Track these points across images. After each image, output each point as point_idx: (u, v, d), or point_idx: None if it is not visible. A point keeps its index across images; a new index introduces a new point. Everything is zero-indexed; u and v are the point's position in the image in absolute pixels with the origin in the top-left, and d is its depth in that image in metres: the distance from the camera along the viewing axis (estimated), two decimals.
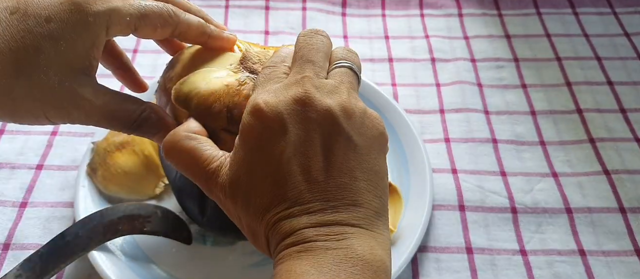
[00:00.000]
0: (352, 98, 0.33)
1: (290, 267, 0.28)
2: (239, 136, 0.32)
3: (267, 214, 0.31)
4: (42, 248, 0.46)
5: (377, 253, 0.29)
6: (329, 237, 0.29)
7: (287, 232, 0.30)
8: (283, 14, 0.77)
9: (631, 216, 0.55)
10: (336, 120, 0.31)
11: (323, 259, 0.28)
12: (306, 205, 0.30)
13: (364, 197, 0.31)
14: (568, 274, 0.51)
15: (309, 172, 0.30)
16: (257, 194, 0.31)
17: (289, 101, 0.31)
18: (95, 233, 0.47)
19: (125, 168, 0.54)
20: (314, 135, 0.31)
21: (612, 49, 0.74)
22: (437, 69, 0.70)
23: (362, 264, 0.28)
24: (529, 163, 0.60)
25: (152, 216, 0.49)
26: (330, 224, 0.29)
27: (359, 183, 0.31)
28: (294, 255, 0.29)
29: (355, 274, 0.28)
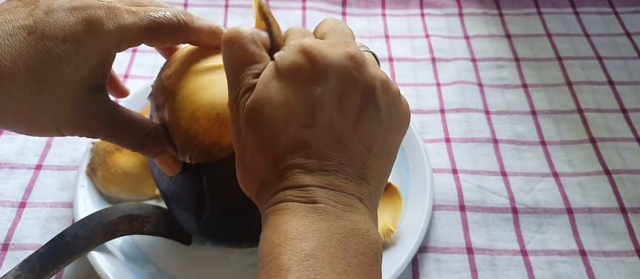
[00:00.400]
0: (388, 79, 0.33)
1: (294, 222, 0.28)
2: (277, 70, 0.31)
3: (283, 156, 0.30)
4: (41, 249, 0.45)
5: (377, 235, 0.29)
6: (338, 205, 0.29)
7: (298, 183, 0.29)
8: (283, 14, 0.77)
9: (632, 216, 0.55)
10: (375, 90, 0.31)
11: (332, 226, 0.28)
12: (324, 161, 0.29)
13: (372, 173, 0.31)
14: (569, 274, 0.51)
15: (335, 128, 0.30)
16: (280, 128, 0.30)
17: (341, 54, 0.31)
18: (94, 233, 0.47)
19: (125, 168, 0.53)
20: (353, 94, 0.31)
21: (613, 48, 0.73)
22: (438, 68, 0.70)
23: (366, 243, 0.28)
24: (529, 163, 0.60)
25: (152, 216, 0.49)
26: (341, 191, 0.29)
27: (373, 159, 0.31)
28: (298, 211, 0.28)
29: (360, 252, 0.28)
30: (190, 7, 0.77)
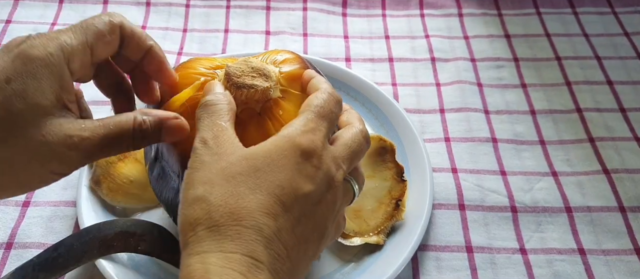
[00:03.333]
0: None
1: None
2: (289, 141, 0.33)
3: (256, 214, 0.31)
4: (35, 258, 0.45)
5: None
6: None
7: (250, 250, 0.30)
8: (284, 14, 0.77)
9: (631, 215, 0.55)
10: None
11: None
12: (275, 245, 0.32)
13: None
14: (568, 273, 0.51)
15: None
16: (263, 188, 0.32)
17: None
18: (89, 247, 0.47)
19: (130, 177, 0.53)
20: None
21: (612, 48, 0.74)
22: (437, 68, 0.71)
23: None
24: (528, 162, 0.60)
25: (148, 235, 0.48)
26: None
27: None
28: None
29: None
30: (192, 8, 0.78)
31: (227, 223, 0.30)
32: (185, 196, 0.32)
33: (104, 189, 0.53)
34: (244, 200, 0.31)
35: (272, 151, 0.33)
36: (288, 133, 0.34)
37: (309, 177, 0.33)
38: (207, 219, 0.30)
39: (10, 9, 0.75)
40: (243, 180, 0.31)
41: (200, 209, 0.31)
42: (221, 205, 0.31)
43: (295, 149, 0.33)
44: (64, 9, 0.76)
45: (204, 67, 0.43)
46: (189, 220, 0.31)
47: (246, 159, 0.32)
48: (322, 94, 0.37)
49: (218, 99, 0.36)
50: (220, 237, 0.30)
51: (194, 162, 0.33)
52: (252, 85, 0.39)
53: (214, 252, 0.29)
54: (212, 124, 0.35)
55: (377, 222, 0.51)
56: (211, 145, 0.33)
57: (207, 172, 0.32)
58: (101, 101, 0.66)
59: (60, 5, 0.76)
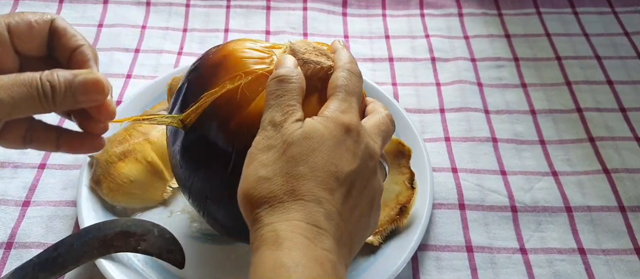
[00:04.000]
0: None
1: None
2: (332, 121, 0.36)
3: (322, 179, 0.34)
4: (36, 258, 0.46)
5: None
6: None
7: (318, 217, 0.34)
8: (284, 14, 0.77)
9: (631, 215, 0.55)
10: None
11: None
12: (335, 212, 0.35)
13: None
14: (568, 272, 0.51)
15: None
16: (325, 160, 0.35)
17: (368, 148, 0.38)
18: (89, 246, 0.47)
19: (131, 177, 0.53)
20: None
21: (612, 48, 0.74)
22: (438, 68, 0.71)
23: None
24: (528, 162, 0.60)
25: (148, 234, 0.48)
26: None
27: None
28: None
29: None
30: (193, 7, 0.78)
31: (290, 199, 0.34)
32: (248, 173, 0.35)
33: (104, 189, 0.53)
34: (304, 179, 0.34)
35: (324, 132, 0.36)
36: (331, 114, 0.37)
37: (352, 152, 0.36)
38: (273, 198, 0.34)
39: (11, 8, 0.75)
40: (302, 160, 0.35)
41: (265, 189, 0.34)
42: (283, 184, 0.34)
43: (340, 128, 0.36)
44: (64, 8, 0.76)
45: (255, 48, 0.43)
46: (254, 198, 0.34)
47: (306, 138, 0.35)
48: (343, 72, 0.39)
49: (291, 75, 0.38)
50: (286, 211, 0.33)
51: (260, 143, 0.36)
52: (317, 61, 0.41)
53: (283, 221, 0.33)
54: (283, 105, 0.37)
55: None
56: (279, 128, 0.36)
57: (272, 155, 0.35)
58: None
59: (60, 5, 0.76)
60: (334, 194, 0.35)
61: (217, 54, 0.43)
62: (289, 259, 0.31)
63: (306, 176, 0.34)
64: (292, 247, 0.31)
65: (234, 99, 0.40)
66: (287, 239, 0.32)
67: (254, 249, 0.33)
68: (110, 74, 0.68)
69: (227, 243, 0.52)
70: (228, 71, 0.41)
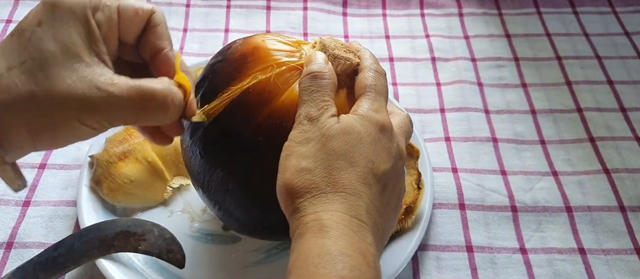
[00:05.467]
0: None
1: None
2: (367, 119, 0.37)
3: (361, 174, 0.35)
4: (36, 257, 0.46)
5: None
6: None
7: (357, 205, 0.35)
8: (284, 14, 0.77)
9: (631, 215, 0.55)
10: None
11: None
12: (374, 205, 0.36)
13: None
14: (568, 272, 0.51)
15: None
16: (376, 159, 0.36)
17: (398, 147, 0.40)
18: (90, 246, 0.47)
19: (131, 177, 0.53)
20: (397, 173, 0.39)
21: (612, 48, 0.74)
22: (438, 68, 0.71)
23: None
24: (529, 162, 0.60)
25: (148, 234, 0.48)
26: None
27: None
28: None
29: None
30: (193, 7, 0.78)
31: (333, 190, 0.34)
32: (289, 165, 0.36)
33: (105, 188, 0.53)
34: (345, 172, 0.35)
35: (360, 130, 0.36)
36: (366, 113, 0.38)
37: (387, 150, 0.37)
38: (314, 188, 0.34)
39: (11, 8, 0.75)
40: (342, 154, 0.35)
41: (307, 179, 0.35)
42: (325, 176, 0.35)
43: (375, 126, 0.37)
44: None
45: (283, 42, 0.43)
46: (296, 188, 0.35)
47: (344, 133, 0.36)
48: (370, 72, 0.40)
49: (324, 72, 0.39)
50: (329, 201, 0.34)
51: (297, 136, 0.36)
52: (347, 58, 0.41)
53: (327, 211, 0.34)
54: (318, 100, 0.37)
55: None
56: (316, 122, 0.36)
57: (311, 148, 0.36)
58: None
59: None
60: (372, 189, 0.35)
61: (245, 46, 0.43)
62: (335, 248, 0.32)
63: (347, 170, 0.35)
64: (338, 236, 0.32)
65: (265, 90, 0.40)
66: (332, 228, 0.33)
67: (297, 236, 0.33)
68: None
69: (227, 242, 0.52)
70: (258, 62, 0.41)
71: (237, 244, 0.52)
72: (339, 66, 0.41)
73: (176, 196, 0.55)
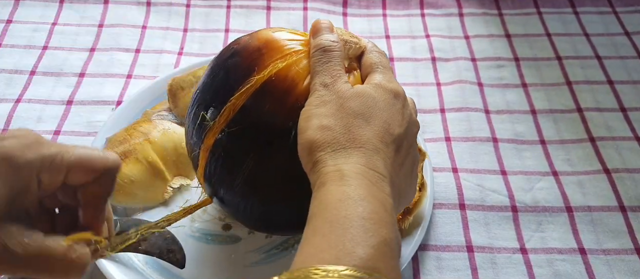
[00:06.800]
0: None
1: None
2: (381, 87, 0.40)
3: (381, 132, 0.37)
4: None
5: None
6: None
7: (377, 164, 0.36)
8: (284, 14, 0.77)
9: (631, 215, 0.55)
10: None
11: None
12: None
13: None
14: (568, 272, 0.51)
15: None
16: (390, 119, 0.38)
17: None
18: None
19: (131, 177, 0.53)
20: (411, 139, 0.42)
21: (613, 48, 0.74)
22: (438, 68, 0.71)
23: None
24: (529, 162, 0.60)
25: (148, 234, 0.48)
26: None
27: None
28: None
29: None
30: (193, 7, 0.78)
31: (352, 146, 0.36)
32: (310, 125, 0.37)
33: None
34: (363, 129, 0.37)
35: (375, 95, 0.39)
36: (379, 82, 0.40)
37: (401, 114, 0.40)
38: (335, 143, 0.36)
39: (11, 8, 0.75)
40: (360, 113, 0.38)
41: (327, 135, 0.36)
42: (344, 133, 0.37)
43: (389, 92, 0.40)
44: (64, 8, 0.76)
45: (292, 31, 0.45)
46: (317, 143, 0.36)
47: (359, 96, 0.38)
48: (374, 52, 0.43)
49: (333, 45, 0.41)
50: (348, 155, 0.36)
51: (314, 100, 0.38)
52: (355, 42, 0.43)
53: (347, 163, 0.35)
54: (330, 69, 0.40)
55: None
56: (330, 87, 0.39)
57: (329, 108, 0.38)
58: (103, 101, 0.66)
59: (60, 5, 0.76)
60: (388, 147, 0.37)
61: (256, 40, 0.44)
62: (355, 193, 0.33)
63: (364, 127, 0.37)
64: (358, 185, 0.34)
65: (288, 76, 0.41)
66: (352, 178, 0.34)
67: (319, 185, 0.35)
68: (111, 74, 0.68)
69: (227, 242, 0.52)
70: (275, 53, 0.42)
71: (237, 244, 0.52)
72: (350, 50, 0.43)
73: (176, 196, 0.55)
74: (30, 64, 0.68)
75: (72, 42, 0.72)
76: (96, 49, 0.71)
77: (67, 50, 0.71)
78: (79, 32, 0.73)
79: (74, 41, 0.72)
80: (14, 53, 0.70)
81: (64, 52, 0.70)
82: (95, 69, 0.69)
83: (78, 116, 0.63)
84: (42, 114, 0.63)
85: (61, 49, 0.71)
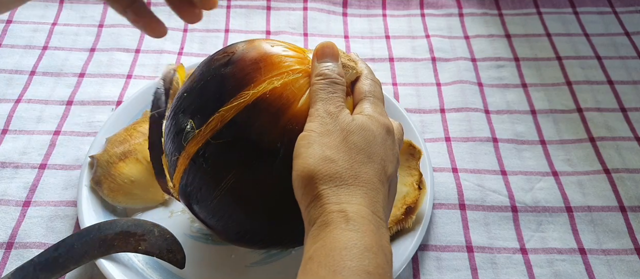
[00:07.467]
0: None
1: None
2: (375, 120, 0.39)
3: (380, 168, 0.37)
4: (36, 258, 0.46)
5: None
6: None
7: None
8: (284, 14, 0.77)
9: (631, 215, 0.55)
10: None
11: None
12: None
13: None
14: (568, 272, 0.51)
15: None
16: (386, 160, 0.38)
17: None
18: (90, 247, 0.47)
19: (131, 177, 0.53)
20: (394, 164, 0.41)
21: (613, 48, 0.74)
22: (438, 68, 0.71)
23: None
24: (529, 162, 0.60)
25: (148, 234, 0.48)
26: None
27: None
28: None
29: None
30: None
31: (355, 183, 0.36)
32: (312, 152, 0.36)
33: (105, 189, 0.53)
34: (365, 167, 0.36)
35: (373, 128, 0.38)
36: (373, 114, 0.39)
37: (392, 152, 0.39)
38: (338, 178, 0.36)
39: None
40: (362, 149, 0.37)
41: (330, 168, 0.36)
42: (348, 168, 0.36)
43: (382, 128, 0.39)
44: (64, 9, 0.76)
45: (288, 47, 0.44)
46: (319, 175, 0.36)
47: (361, 129, 0.38)
48: (368, 80, 0.42)
49: (340, 79, 0.41)
50: (351, 194, 0.35)
51: (318, 127, 0.38)
52: (352, 67, 0.43)
53: (352, 204, 0.35)
54: (335, 99, 0.39)
55: None
56: (335, 117, 0.38)
57: (333, 139, 0.37)
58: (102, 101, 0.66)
59: (60, 6, 0.76)
60: (384, 185, 0.37)
61: (254, 52, 0.42)
62: (362, 243, 0.33)
63: (366, 164, 0.37)
64: (364, 232, 0.33)
65: (283, 95, 0.40)
66: (357, 222, 0.34)
67: (322, 224, 0.34)
68: (111, 74, 0.68)
69: (227, 243, 0.52)
70: (272, 68, 0.41)
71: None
72: (347, 74, 0.42)
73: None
74: (30, 64, 0.68)
75: (72, 42, 0.72)
76: (96, 49, 0.71)
77: (67, 50, 0.71)
78: (79, 32, 0.73)
79: (74, 41, 0.72)
80: (14, 53, 0.70)
81: (64, 52, 0.70)
82: (95, 69, 0.69)
83: (78, 116, 0.63)
84: (42, 114, 0.63)
85: (61, 49, 0.71)
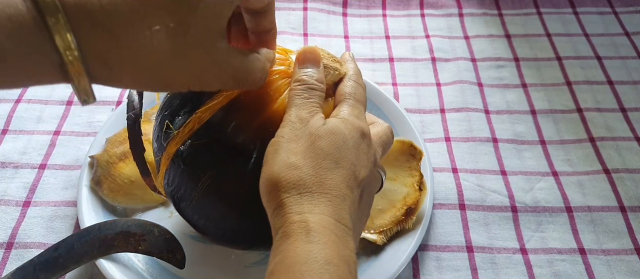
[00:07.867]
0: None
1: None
2: (349, 123, 0.38)
3: (350, 174, 0.36)
4: (36, 258, 0.46)
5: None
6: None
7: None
8: (284, 14, 0.77)
9: (631, 215, 0.55)
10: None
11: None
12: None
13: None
14: (568, 272, 0.51)
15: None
16: (358, 165, 0.37)
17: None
18: (90, 247, 0.47)
19: (131, 177, 0.53)
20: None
21: (613, 48, 0.74)
22: (438, 68, 0.71)
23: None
24: (529, 162, 0.60)
25: (148, 234, 0.48)
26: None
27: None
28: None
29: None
30: None
31: (319, 191, 0.35)
32: (278, 159, 0.36)
33: (105, 189, 0.53)
34: (331, 173, 0.35)
35: (345, 132, 0.37)
36: (348, 117, 0.39)
37: (366, 156, 0.38)
38: (301, 185, 0.35)
39: None
40: (329, 154, 0.36)
41: (294, 175, 0.35)
42: (313, 175, 0.35)
43: (357, 130, 0.38)
44: None
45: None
46: (282, 182, 0.35)
47: (330, 133, 0.37)
48: (350, 81, 0.42)
49: (317, 85, 0.40)
50: (315, 202, 0.34)
51: (287, 133, 0.37)
52: (335, 68, 0.42)
53: (314, 214, 0.34)
54: (309, 105, 0.39)
55: (382, 222, 0.51)
56: (306, 123, 0.37)
57: (300, 145, 0.36)
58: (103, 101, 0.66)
59: None
60: (353, 191, 0.36)
61: None
62: (321, 255, 0.32)
63: (333, 170, 0.36)
64: (324, 243, 0.33)
65: (259, 96, 0.40)
66: (319, 233, 0.33)
67: (283, 235, 0.34)
68: None
69: None
70: None
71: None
72: (328, 76, 0.42)
73: None
74: None
75: None
76: None
77: None
78: None
79: None
80: None
81: None
82: None
83: (78, 116, 0.63)
84: (42, 114, 0.63)
85: None
